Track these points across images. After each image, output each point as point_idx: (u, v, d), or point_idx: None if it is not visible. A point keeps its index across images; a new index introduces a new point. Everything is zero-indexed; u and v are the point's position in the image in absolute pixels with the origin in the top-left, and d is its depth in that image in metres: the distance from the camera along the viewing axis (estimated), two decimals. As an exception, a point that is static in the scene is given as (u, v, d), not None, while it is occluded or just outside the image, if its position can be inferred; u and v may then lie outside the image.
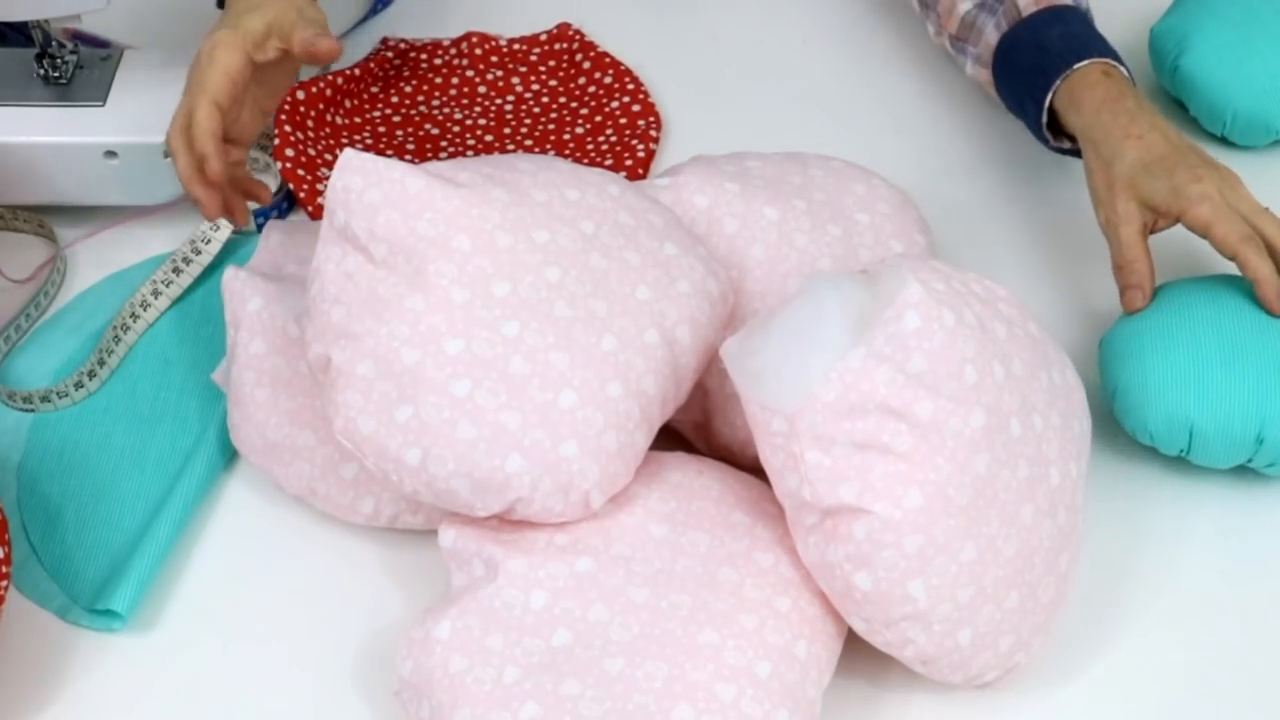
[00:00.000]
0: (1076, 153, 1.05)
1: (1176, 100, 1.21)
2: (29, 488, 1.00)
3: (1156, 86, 1.24)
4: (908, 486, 0.81)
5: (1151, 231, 1.00)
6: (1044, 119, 1.05)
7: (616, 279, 0.91)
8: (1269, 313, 0.96)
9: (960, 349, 0.83)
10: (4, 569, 0.88)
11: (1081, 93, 1.02)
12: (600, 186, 0.95)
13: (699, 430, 0.99)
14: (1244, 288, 0.99)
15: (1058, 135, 1.07)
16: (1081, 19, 1.07)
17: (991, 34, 1.09)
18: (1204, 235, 0.97)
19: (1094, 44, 1.04)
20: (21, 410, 1.04)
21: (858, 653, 0.89)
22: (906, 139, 1.22)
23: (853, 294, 0.84)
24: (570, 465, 0.86)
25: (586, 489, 0.86)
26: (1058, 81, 1.03)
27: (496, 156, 0.98)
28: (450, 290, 0.88)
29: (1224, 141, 1.19)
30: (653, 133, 1.20)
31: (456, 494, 0.87)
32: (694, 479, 0.92)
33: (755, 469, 0.97)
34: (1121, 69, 1.04)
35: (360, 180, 0.89)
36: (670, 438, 1.01)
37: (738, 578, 0.85)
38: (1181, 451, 0.97)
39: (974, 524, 0.82)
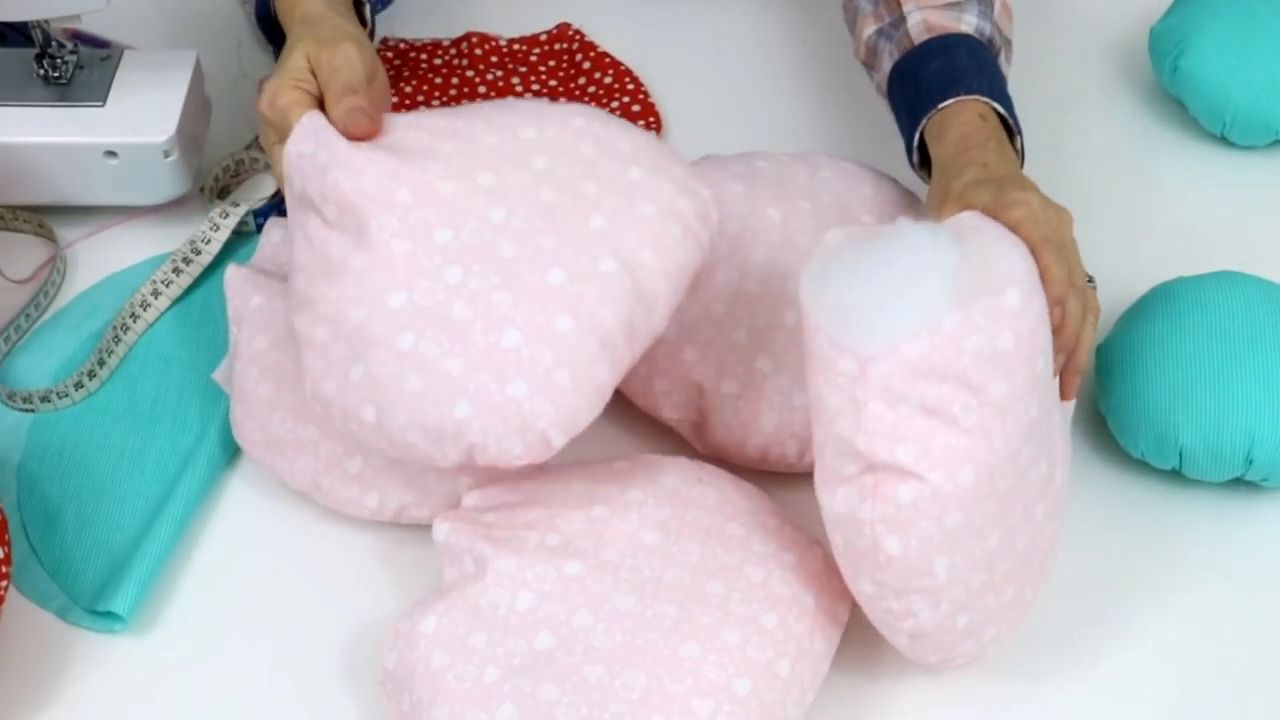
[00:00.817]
0: None
1: (1176, 100, 1.21)
2: (29, 488, 1.00)
3: (1156, 86, 1.24)
4: (965, 462, 0.80)
5: None
6: (914, 157, 1.01)
7: (569, 211, 0.89)
8: (1051, 320, 0.87)
9: (1041, 336, 0.82)
10: (4, 569, 0.88)
11: (947, 128, 0.98)
12: (563, 120, 0.93)
13: (696, 430, 0.99)
14: (1237, 291, 0.99)
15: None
16: (971, 50, 1.00)
17: (886, 62, 1.05)
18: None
19: (969, 80, 0.98)
20: (21, 410, 1.04)
21: (845, 657, 0.89)
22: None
23: (951, 250, 0.82)
24: (520, 406, 0.84)
25: (543, 428, 0.85)
26: (923, 121, 0.99)
27: (462, 106, 0.96)
28: (391, 244, 0.87)
29: (1224, 141, 1.20)
30: (653, 133, 1.20)
31: (414, 446, 0.86)
32: (692, 486, 0.91)
33: (751, 468, 0.98)
34: (997, 107, 0.98)
35: (312, 145, 0.89)
36: (669, 437, 1.01)
37: (726, 591, 0.85)
38: (1174, 468, 0.97)
39: (1004, 513, 0.82)
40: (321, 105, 0.92)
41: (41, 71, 1.11)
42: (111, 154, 1.09)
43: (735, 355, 0.98)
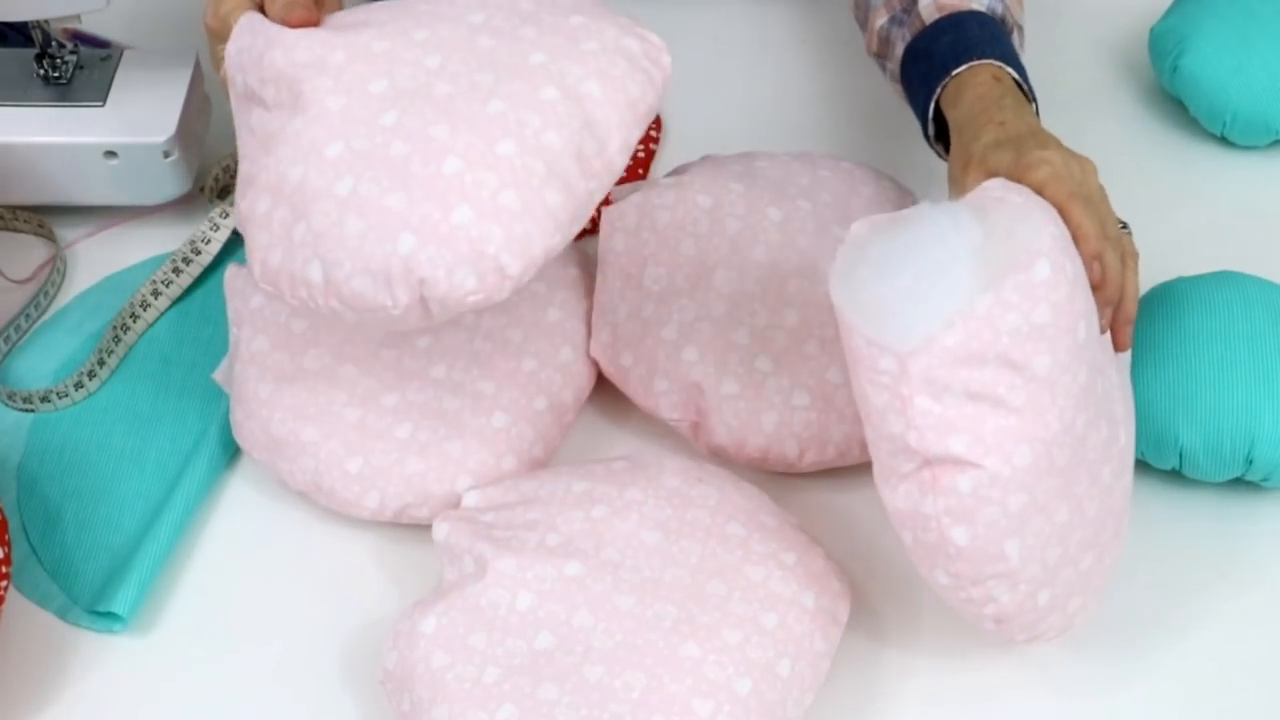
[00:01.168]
0: None
1: (1176, 100, 1.21)
2: (29, 488, 1.00)
3: (1156, 86, 1.24)
4: (1019, 443, 0.78)
5: None
6: (929, 129, 1.01)
7: (507, 52, 0.86)
8: (1087, 273, 0.86)
9: (1077, 304, 0.81)
10: (4, 569, 0.88)
11: (962, 93, 0.97)
12: None
13: (696, 430, 0.99)
14: (1237, 291, 0.99)
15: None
16: (982, 23, 1.00)
17: (899, 48, 1.04)
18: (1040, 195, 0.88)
19: (982, 47, 0.98)
20: (21, 410, 1.04)
21: (845, 657, 0.89)
22: (911, 140, 1.22)
23: (974, 230, 0.80)
24: (468, 231, 0.80)
25: (493, 254, 0.80)
26: (938, 90, 0.98)
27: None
28: (326, 101, 0.85)
29: (1224, 141, 1.19)
30: (653, 133, 1.20)
31: (363, 295, 0.82)
32: (692, 486, 0.91)
33: (751, 468, 0.98)
34: (1010, 72, 0.97)
35: (249, 38, 0.88)
36: (669, 437, 1.01)
37: (726, 591, 0.85)
38: (1173, 468, 0.97)
39: (1069, 485, 0.81)
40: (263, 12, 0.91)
41: (41, 71, 1.11)
42: (111, 154, 1.09)
43: (735, 355, 0.98)
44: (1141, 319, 1.00)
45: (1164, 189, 1.18)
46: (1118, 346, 0.89)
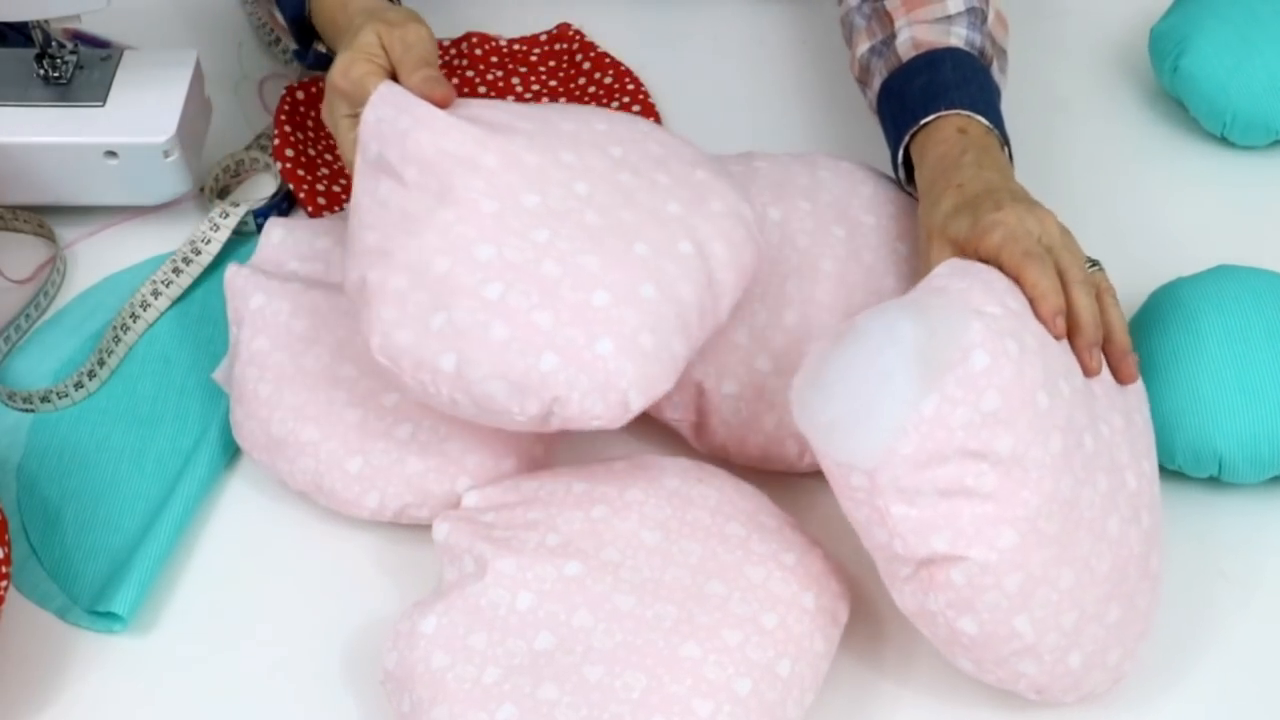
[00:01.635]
0: None
1: (1176, 100, 1.21)
2: (29, 488, 1.00)
3: (1156, 86, 1.24)
4: (999, 526, 0.81)
5: None
6: (900, 174, 1.02)
7: (646, 195, 0.92)
8: (1049, 331, 0.87)
9: (1030, 377, 0.82)
10: (4, 569, 0.88)
11: (926, 149, 0.98)
12: (630, 123, 0.97)
13: (696, 430, 0.99)
14: (1244, 287, 0.99)
15: None
16: (957, 63, 1.00)
17: (877, 80, 1.05)
18: (996, 263, 0.89)
19: (951, 94, 0.98)
20: (21, 410, 1.04)
21: (845, 658, 0.89)
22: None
23: (908, 331, 0.82)
24: (606, 363, 0.85)
25: (624, 388, 0.86)
26: (906, 137, 1.00)
27: (527, 105, 0.99)
28: (480, 201, 0.89)
29: (1224, 141, 1.19)
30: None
31: (494, 397, 0.86)
32: (692, 486, 0.91)
33: (751, 468, 0.98)
34: (979, 120, 0.98)
35: (392, 111, 0.91)
36: (669, 437, 1.01)
37: (725, 591, 0.85)
38: (1212, 475, 0.97)
39: (1067, 549, 0.82)
40: (393, 79, 0.94)
41: (41, 71, 1.11)
42: (111, 154, 1.09)
43: (735, 355, 0.98)
44: (1152, 328, 0.99)
45: (1164, 189, 1.18)
46: (1121, 379, 0.90)
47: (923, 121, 0.99)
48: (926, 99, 0.99)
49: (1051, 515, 0.81)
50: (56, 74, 1.11)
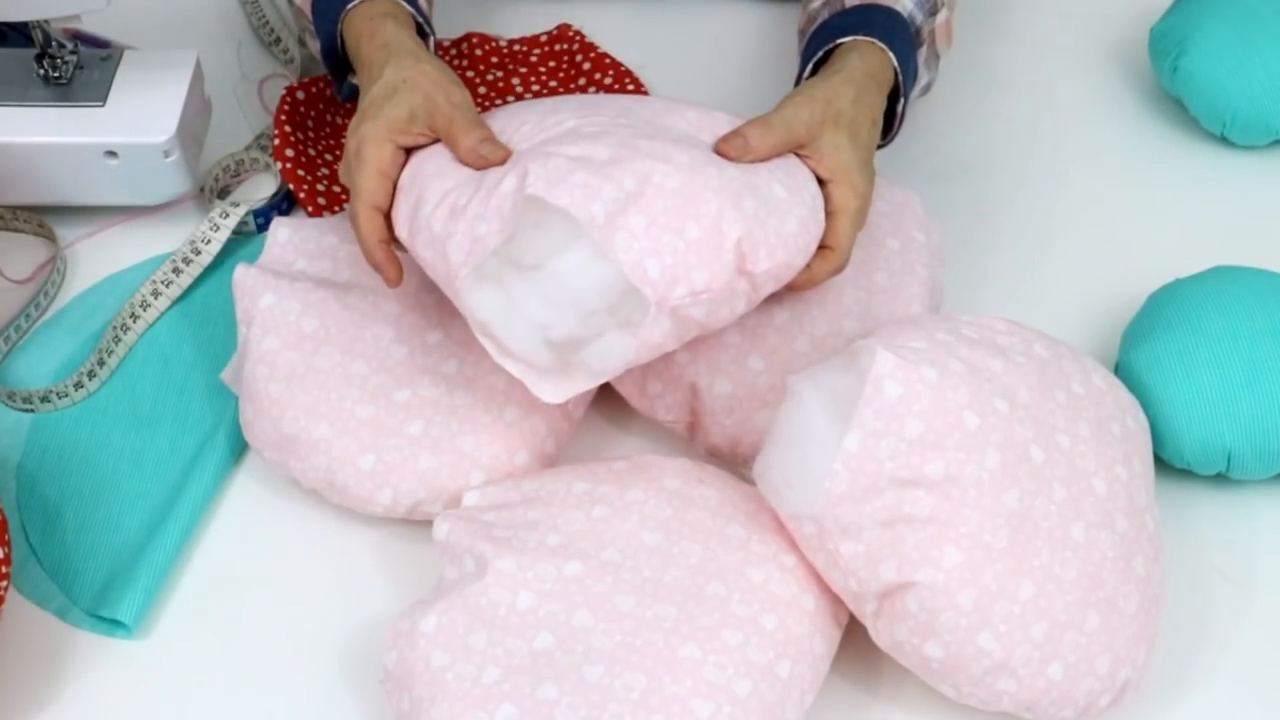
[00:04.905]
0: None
1: (1176, 100, 1.21)
2: (29, 488, 1.00)
3: (1156, 86, 1.24)
4: (942, 546, 0.82)
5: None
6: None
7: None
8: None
9: (952, 399, 0.83)
10: (4, 569, 0.88)
11: (831, 62, 1.00)
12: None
13: (691, 431, 0.99)
14: (1244, 284, 0.99)
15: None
16: (891, 17, 1.01)
17: (815, 26, 1.06)
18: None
19: (874, 31, 0.99)
20: (21, 410, 1.04)
21: (845, 660, 0.89)
22: (910, 140, 1.22)
23: (829, 380, 0.85)
24: None
25: None
26: (819, 53, 1.00)
27: None
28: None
29: (1224, 141, 1.19)
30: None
31: None
32: (693, 487, 0.91)
33: (749, 467, 0.97)
34: (884, 51, 0.99)
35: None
36: (669, 438, 1.01)
37: (726, 592, 0.85)
38: (1220, 473, 0.97)
39: (1022, 561, 0.82)
40: (409, 151, 0.94)
41: (41, 71, 1.11)
42: (112, 154, 1.09)
43: (727, 355, 0.98)
44: (1155, 327, 1.00)
45: (1164, 189, 1.18)
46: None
47: (840, 41, 1.00)
48: (847, 26, 1.00)
49: (998, 529, 0.82)
50: (57, 74, 1.11)
